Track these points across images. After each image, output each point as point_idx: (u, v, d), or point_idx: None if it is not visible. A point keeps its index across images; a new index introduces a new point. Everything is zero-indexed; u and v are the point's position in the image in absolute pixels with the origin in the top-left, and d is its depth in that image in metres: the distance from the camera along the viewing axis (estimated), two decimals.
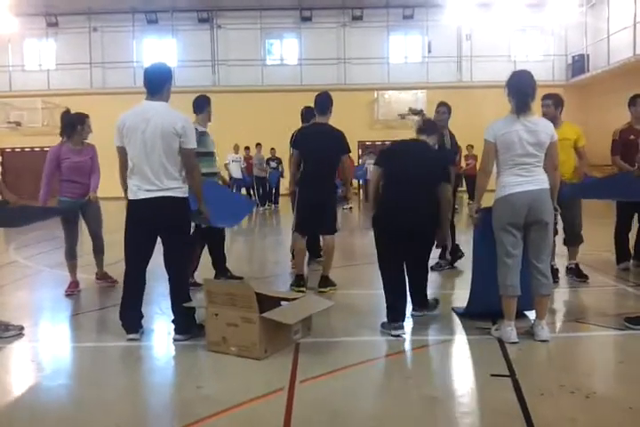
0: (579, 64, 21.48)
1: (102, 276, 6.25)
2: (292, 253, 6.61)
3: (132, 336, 4.24)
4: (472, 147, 15.69)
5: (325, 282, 5.78)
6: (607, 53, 19.11)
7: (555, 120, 5.72)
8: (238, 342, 3.82)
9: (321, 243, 7.18)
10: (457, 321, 4.78)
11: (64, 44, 22.83)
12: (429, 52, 22.49)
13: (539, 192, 4.01)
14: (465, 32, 22.59)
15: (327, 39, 22.69)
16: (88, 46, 22.53)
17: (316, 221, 5.74)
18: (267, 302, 3.96)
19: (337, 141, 5.66)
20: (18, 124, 22.05)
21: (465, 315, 4.65)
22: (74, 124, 5.74)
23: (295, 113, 7.31)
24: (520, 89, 4.04)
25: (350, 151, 5.81)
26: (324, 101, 5.75)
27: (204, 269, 6.13)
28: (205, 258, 6.18)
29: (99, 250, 6.16)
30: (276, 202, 17.49)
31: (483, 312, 4.50)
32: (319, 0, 21.90)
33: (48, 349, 4.29)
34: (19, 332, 4.41)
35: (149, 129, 4.06)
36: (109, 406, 3.19)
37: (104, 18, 22.61)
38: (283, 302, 4.24)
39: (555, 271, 5.74)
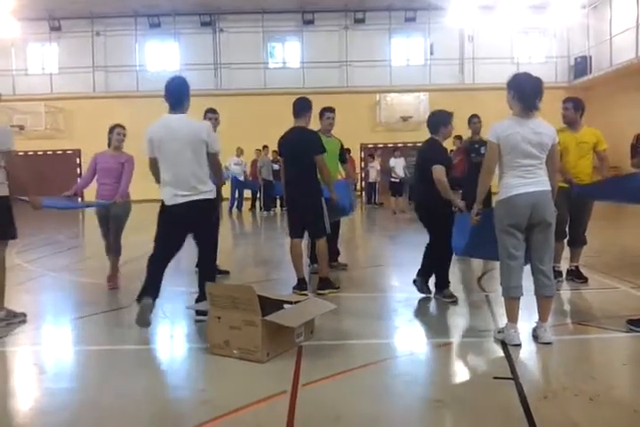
0: (581, 66, 21.48)
1: (111, 278, 6.25)
2: (310, 258, 6.70)
3: (145, 300, 4.42)
4: None
5: (324, 284, 5.79)
6: (610, 55, 19.12)
7: (574, 123, 5.81)
8: (241, 345, 3.81)
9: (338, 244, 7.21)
10: (460, 324, 4.77)
11: (67, 48, 22.92)
12: (432, 54, 22.52)
13: (541, 193, 4.00)
14: (467, 34, 22.61)
15: (329, 42, 22.73)
16: (91, 50, 22.62)
17: (302, 224, 5.81)
18: (269, 305, 3.95)
19: (309, 143, 5.73)
20: (21, 127, 22.10)
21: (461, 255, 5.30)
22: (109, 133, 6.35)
23: None
24: (524, 91, 4.03)
25: (325, 152, 5.80)
26: (301, 105, 5.84)
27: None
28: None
29: (112, 251, 6.31)
30: (282, 206, 17.39)
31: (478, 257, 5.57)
32: (321, 3, 21.93)
33: (50, 352, 4.29)
34: (24, 318, 4.80)
35: (178, 141, 4.48)
36: (111, 409, 3.18)
37: (107, 22, 22.70)
38: (285, 305, 4.23)
39: (557, 274, 5.73)
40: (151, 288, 4.54)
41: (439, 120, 5.37)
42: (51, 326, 5.00)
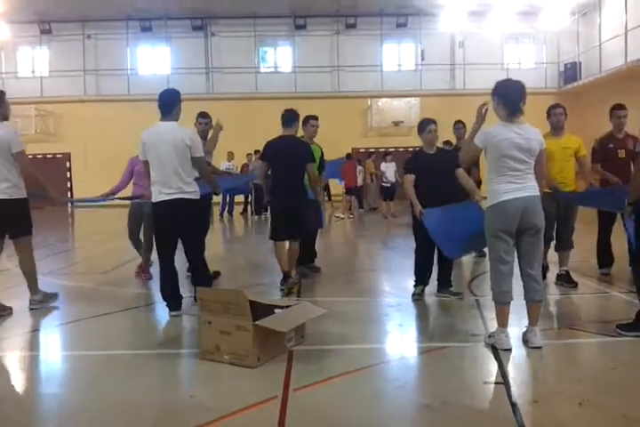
0: (571, 72, 21.62)
1: (144, 269, 6.86)
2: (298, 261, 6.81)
3: (174, 313, 5.03)
4: None
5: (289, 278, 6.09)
6: (599, 61, 19.25)
7: (562, 129, 5.96)
8: (231, 351, 3.80)
9: (315, 246, 7.31)
10: (450, 328, 4.78)
11: (57, 51, 22.78)
12: (422, 59, 22.59)
13: (531, 199, 4.03)
14: (458, 40, 22.71)
15: (321, 47, 22.75)
16: (82, 54, 22.50)
17: (291, 227, 6.10)
18: (260, 310, 3.95)
19: (301, 152, 6.12)
20: None
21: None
22: None
23: None
24: (508, 95, 4.07)
25: (314, 161, 6.28)
26: (290, 116, 6.20)
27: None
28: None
29: (144, 246, 6.83)
30: (267, 210, 17.37)
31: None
32: (313, 8, 21.94)
33: (40, 357, 4.26)
34: (10, 311, 5.14)
35: (164, 145, 4.95)
36: (101, 415, 3.16)
37: (98, 25, 22.60)
38: (276, 310, 4.23)
39: (544, 268, 5.70)
40: (171, 301, 5.09)
41: (418, 127, 5.69)
42: (40, 331, 4.96)
